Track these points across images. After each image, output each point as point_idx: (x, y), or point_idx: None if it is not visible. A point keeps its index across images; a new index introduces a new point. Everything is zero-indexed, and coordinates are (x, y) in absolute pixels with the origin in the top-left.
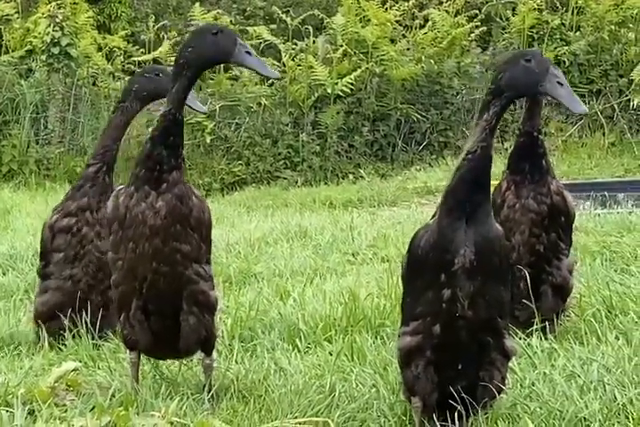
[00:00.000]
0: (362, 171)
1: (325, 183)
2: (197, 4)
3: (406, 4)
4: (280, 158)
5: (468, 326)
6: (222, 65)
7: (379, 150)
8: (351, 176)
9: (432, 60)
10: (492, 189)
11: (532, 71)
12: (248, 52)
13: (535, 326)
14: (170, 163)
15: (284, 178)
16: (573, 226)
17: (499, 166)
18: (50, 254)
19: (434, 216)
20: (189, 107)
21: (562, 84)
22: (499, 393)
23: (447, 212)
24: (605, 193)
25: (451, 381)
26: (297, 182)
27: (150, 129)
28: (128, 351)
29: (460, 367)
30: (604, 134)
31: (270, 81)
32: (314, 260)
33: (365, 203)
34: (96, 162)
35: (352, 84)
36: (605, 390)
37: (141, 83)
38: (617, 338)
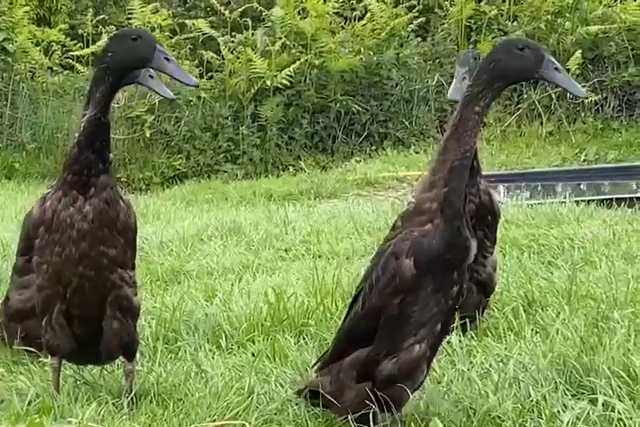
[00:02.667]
0: (302, 163)
1: (266, 176)
2: None
3: None
4: (220, 152)
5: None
6: None
7: (319, 142)
8: (291, 168)
9: (371, 52)
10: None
11: (528, 59)
12: (167, 59)
13: (455, 323)
14: (98, 167)
15: (225, 171)
16: (499, 224)
17: None
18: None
19: (430, 222)
20: (156, 92)
21: (559, 70)
22: None
23: (456, 212)
24: (538, 183)
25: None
26: (237, 175)
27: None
28: (50, 357)
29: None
30: (541, 124)
31: (209, 73)
32: (246, 256)
33: (305, 195)
34: None
35: (291, 76)
36: (520, 388)
37: None
38: (536, 333)
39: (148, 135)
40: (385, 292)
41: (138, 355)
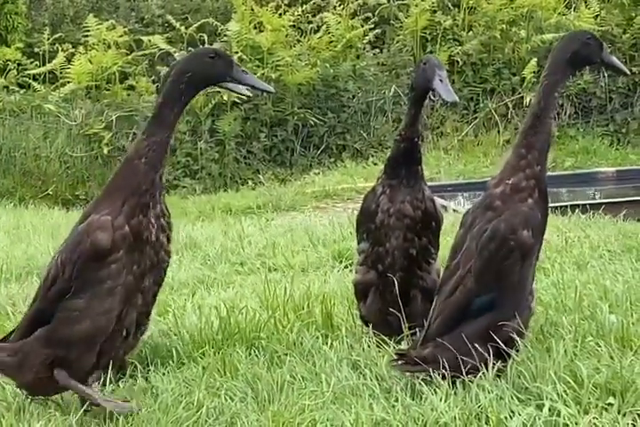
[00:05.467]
0: (261, 177)
1: (225, 190)
2: (91, 15)
3: (300, 8)
4: (179, 167)
5: None
6: (118, 74)
7: (277, 155)
8: (250, 182)
9: (327, 64)
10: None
11: (594, 47)
12: (244, 71)
13: (406, 333)
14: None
15: (184, 186)
16: (441, 231)
17: None
18: None
19: (530, 197)
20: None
21: (611, 54)
22: None
23: (546, 186)
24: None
25: None
26: (196, 190)
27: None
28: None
29: None
30: (498, 132)
31: None
32: (201, 271)
33: (264, 209)
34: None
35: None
36: (469, 393)
37: None
38: None
39: (106, 152)
40: (505, 263)
41: None
